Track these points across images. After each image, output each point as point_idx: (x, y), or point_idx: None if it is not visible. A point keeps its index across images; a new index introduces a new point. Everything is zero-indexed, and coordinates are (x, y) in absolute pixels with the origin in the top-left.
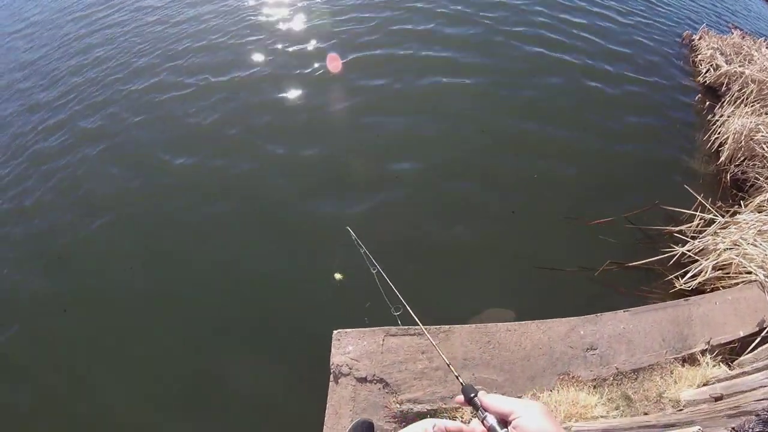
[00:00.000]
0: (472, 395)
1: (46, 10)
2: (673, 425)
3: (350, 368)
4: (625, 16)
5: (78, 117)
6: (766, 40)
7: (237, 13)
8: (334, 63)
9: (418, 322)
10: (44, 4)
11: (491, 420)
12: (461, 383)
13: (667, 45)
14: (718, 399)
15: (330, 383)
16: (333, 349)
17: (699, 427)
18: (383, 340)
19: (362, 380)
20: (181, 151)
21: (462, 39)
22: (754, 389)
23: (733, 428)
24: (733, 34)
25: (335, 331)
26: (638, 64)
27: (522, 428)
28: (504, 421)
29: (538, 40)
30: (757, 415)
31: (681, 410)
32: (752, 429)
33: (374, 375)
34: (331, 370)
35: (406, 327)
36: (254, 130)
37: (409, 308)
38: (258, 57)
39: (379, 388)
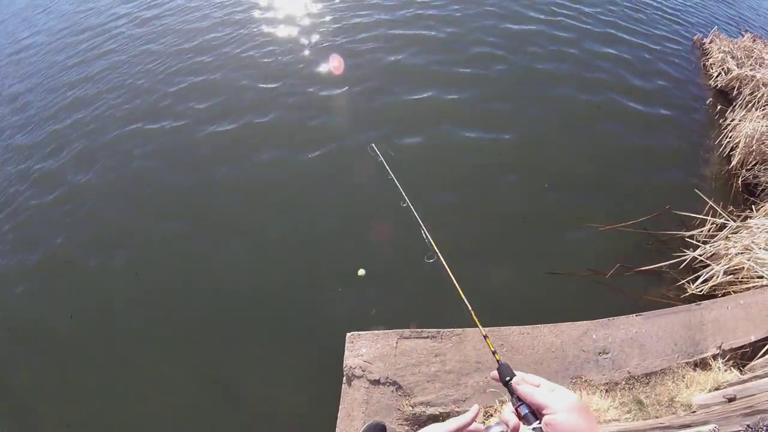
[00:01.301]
0: (508, 379)
1: (42, 32)
2: (688, 425)
3: (363, 371)
4: (635, 20)
5: (69, 169)
6: None
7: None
8: (336, 63)
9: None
10: (40, 27)
11: (525, 410)
12: (498, 361)
13: (677, 49)
14: (731, 400)
15: (343, 385)
16: (346, 352)
17: (715, 425)
18: (397, 342)
19: (375, 383)
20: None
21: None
22: (765, 391)
23: (748, 425)
24: (744, 37)
25: (349, 334)
26: (648, 68)
27: (553, 425)
28: (536, 412)
29: (548, 42)
30: None
31: (695, 412)
32: (766, 426)
33: (387, 377)
34: (345, 373)
35: (420, 330)
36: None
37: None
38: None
39: (392, 391)
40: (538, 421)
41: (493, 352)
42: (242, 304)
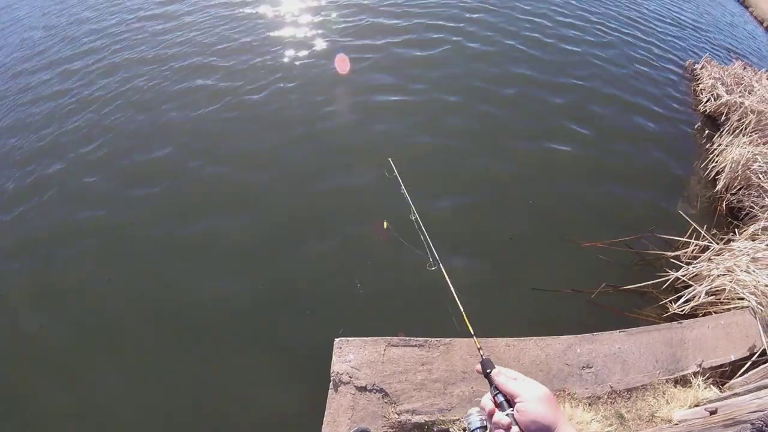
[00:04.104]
0: (489, 371)
1: None
2: None
3: (350, 377)
4: (630, 43)
5: None
6: (766, 70)
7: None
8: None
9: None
10: None
11: (501, 398)
12: (481, 356)
13: (669, 72)
14: (713, 413)
15: (329, 391)
16: (334, 357)
17: None
18: (384, 350)
19: (362, 389)
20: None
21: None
22: (747, 405)
23: None
24: (734, 64)
25: (337, 339)
26: (639, 90)
27: (523, 412)
28: (510, 401)
29: (540, 62)
30: (752, 424)
31: (676, 425)
32: None
33: (374, 384)
34: (332, 378)
35: (408, 338)
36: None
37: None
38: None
39: (379, 398)
40: (511, 408)
41: (479, 348)
42: (226, 308)
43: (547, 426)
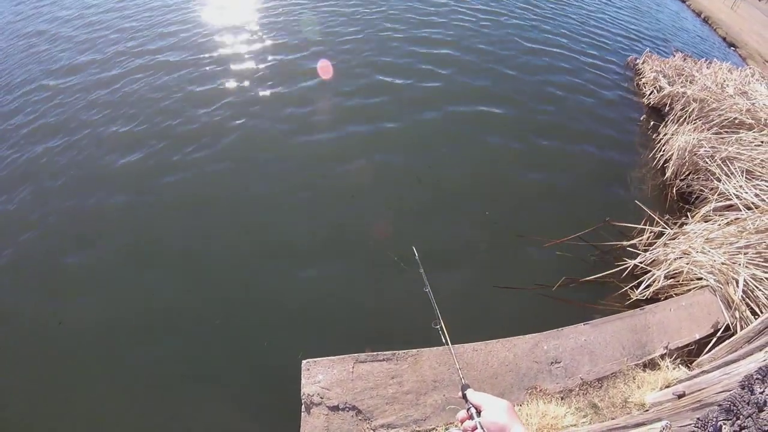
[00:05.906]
0: (465, 392)
1: None
2: (642, 424)
3: (322, 397)
4: (571, 43)
5: None
6: (706, 60)
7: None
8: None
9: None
10: None
11: (473, 410)
12: (461, 380)
13: (611, 70)
14: (681, 396)
15: (302, 414)
16: (303, 379)
17: (667, 421)
18: (353, 367)
19: (334, 409)
20: None
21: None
22: (713, 384)
23: (698, 419)
24: (675, 56)
25: (304, 361)
26: (583, 90)
27: (484, 417)
28: (479, 411)
29: (491, 68)
30: (719, 405)
31: (647, 410)
32: (716, 418)
33: (346, 403)
34: (303, 401)
35: (375, 353)
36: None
37: (443, 327)
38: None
39: (352, 416)
40: (479, 416)
41: (461, 378)
42: (192, 334)
43: (503, 426)
